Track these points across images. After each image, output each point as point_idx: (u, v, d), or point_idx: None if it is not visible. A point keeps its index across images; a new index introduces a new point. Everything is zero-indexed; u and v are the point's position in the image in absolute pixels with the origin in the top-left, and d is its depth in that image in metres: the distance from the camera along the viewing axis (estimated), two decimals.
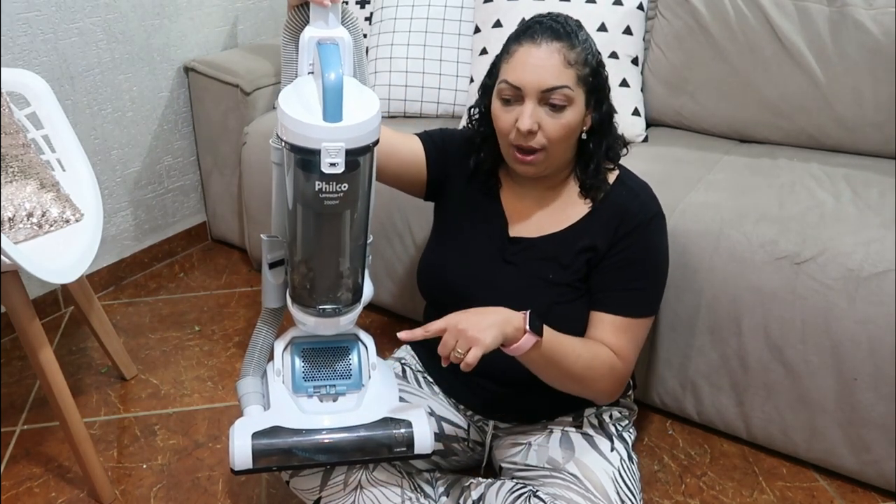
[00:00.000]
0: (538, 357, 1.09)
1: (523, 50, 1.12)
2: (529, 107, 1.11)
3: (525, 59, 1.11)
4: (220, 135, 2.18)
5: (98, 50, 1.95)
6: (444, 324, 1.04)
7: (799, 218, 1.44)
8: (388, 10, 2.01)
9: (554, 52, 1.10)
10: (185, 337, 1.94)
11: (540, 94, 1.11)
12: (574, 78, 1.11)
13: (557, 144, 1.14)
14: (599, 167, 1.21)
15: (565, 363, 1.12)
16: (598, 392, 1.19)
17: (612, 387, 1.19)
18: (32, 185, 1.39)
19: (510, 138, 1.15)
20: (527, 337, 1.06)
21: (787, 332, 1.39)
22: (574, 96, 1.12)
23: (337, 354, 1.18)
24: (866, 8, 1.64)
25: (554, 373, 1.13)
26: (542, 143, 1.13)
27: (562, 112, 1.12)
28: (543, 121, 1.12)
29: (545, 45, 1.11)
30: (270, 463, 1.08)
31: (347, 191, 0.98)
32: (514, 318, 1.06)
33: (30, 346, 1.32)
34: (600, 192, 1.22)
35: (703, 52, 1.82)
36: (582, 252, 1.20)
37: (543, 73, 1.10)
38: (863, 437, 1.39)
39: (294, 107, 0.95)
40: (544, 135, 1.13)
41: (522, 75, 1.11)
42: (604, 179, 1.22)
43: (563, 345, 1.12)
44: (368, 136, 0.96)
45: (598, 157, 1.20)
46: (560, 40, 1.11)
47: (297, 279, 1.10)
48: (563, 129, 1.13)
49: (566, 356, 1.12)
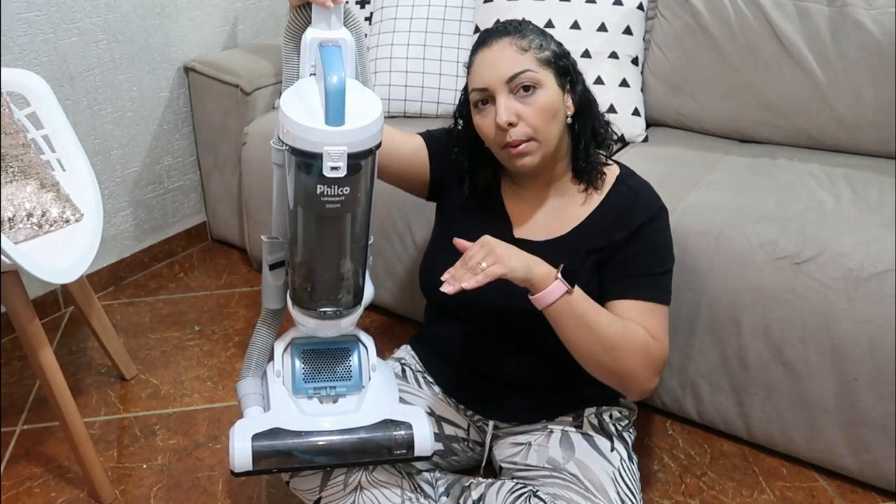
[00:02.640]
0: (567, 312, 1.07)
1: (479, 56, 1.17)
2: (502, 100, 1.13)
3: (481, 61, 1.16)
4: (220, 135, 2.18)
5: (98, 50, 1.95)
6: (479, 242, 1.07)
7: (799, 218, 1.44)
8: (388, 10, 2.01)
9: (506, 45, 1.14)
10: (185, 337, 1.94)
11: (505, 84, 1.13)
12: (533, 61, 1.14)
13: (544, 127, 1.14)
14: (589, 148, 1.22)
15: (596, 326, 1.08)
16: (627, 370, 1.10)
17: (644, 368, 1.11)
18: (32, 185, 1.39)
19: (497, 140, 1.16)
20: (556, 283, 1.05)
21: (787, 332, 1.39)
22: (539, 77, 1.13)
23: (337, 356, 1.18)
24: (866, 8, 1.64)
25: (583, 335, 1.08)
26: (527, 132, 1.14)
27: (533, 94, 1.13)
28: (520, 111, 1.13)
29: (496, 43, 1.15)
30: (270, 465, 1.08)
31: (349, 194, 0.97)
32: (545, 263, 1.07)
33: (30, 346, 1.32)
34: (594, 177, 1.22)
35: (703, 52, 1.82)
36: (588, 255, 1.20)
37: (500, 64, 1.13)
38: (863, 437, 1.39)
39: (296, 109, 0.94)
40: (527, 123, 1.13)
41: (483, 74, 1.15)
42: (596, 163, 1.22)
43: (596, 307, 1.10)
44: (371, 140, 0.95)
45: (584, 138, 1.22)
46: (509, 35, 1.15)
47: (298, 281, 1.10)
48: (541, 111, 1.13)
49: (598, 319, 1.08)
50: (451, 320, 1.30)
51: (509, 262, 1.03)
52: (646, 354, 1.11)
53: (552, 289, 1.05)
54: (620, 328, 1.10)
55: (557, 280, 1.05)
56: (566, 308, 1.07)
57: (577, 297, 1.08)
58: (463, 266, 1.05)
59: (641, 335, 1.12)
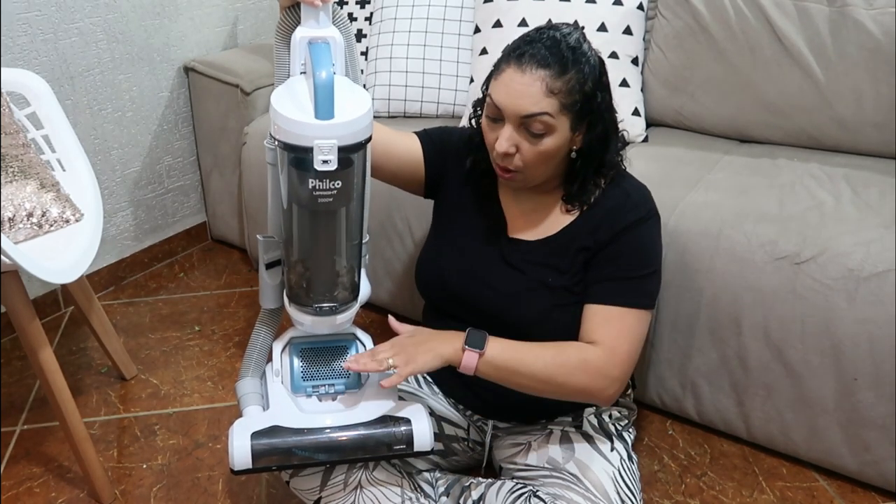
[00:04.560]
0: (492, 369, 1.11)
1: (509, 72, 1.10)
2: (507, 131, 1.11)
3: (508, 82, 1.10)
4: (220, 135, 2.18)
5: (98, 50, 1.95)
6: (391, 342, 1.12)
7: (799, 218, 1.44)
8: (388, 10, 2.01)
9: (537, 81, 1.07)
10: (185, 337, 1.94)
11: (518, 119, 1.09)
12: (556, 106, 1.09)
13: (534, 168, 1.14)
14: (585, 185, 1.20)
15: (527, 369, 1.12)
16: (577, 389, 1.13)
17: (592, 381, 1.13)
18: (32, 185, 1.39)
19: (492, 155, 1.16)
20: (468, 354, 1.10)
21: (787, 332, 1.39)
22: (555, 124, 1.10)
23: (335, 354, 1.18)
24: (866, 8, 1.64)
25: (519, 380, 1.13)
26: (519, 165, 1.13)
27: (540, 139, 1.11)
28: (521, 145, 1.11)
29: (529, 73, 1.08)
30: (270, 463, 1.08)
31: (341, 188, 0.98)
32: (452, 339, 1.11)
33: (30, 346, 1.32)
34: (583, 203, 1.21)
35: (703, 52, 1.82)
36: (577, 254, 1.20)
37: (523, 100, 1.08)
38: (863, 437, 1.39)
39: (286, 105, 0.96)
40: (521, 158, 1.12)
41: (503, 98, 1.10)
42: (590, 192, 1.21)
43: (518, 350, 1.13)
44: (361, 133, 0.96)
45: (583, 176, 1.19)
46: (547, 68, 1.08)
47: (294, 278, 1.10)
48: (539, 156, 1.12)
49: (522, 361, 1.12)
50: (449, 320, 1.30)
51: (417, 360, 1.08)
52: (585, 371, 1.13)
53: (466, 361, 1.10)
54: (550, 358, 1.13)
55: (466, 351, 1.10)
56: (489, 368, 1.11)
57: (495, 352, 1.11)
58: (370, 356, 1.10)
59: (574, 356, 1.14)
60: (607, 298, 1.17)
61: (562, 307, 1.20)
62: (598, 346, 1.15)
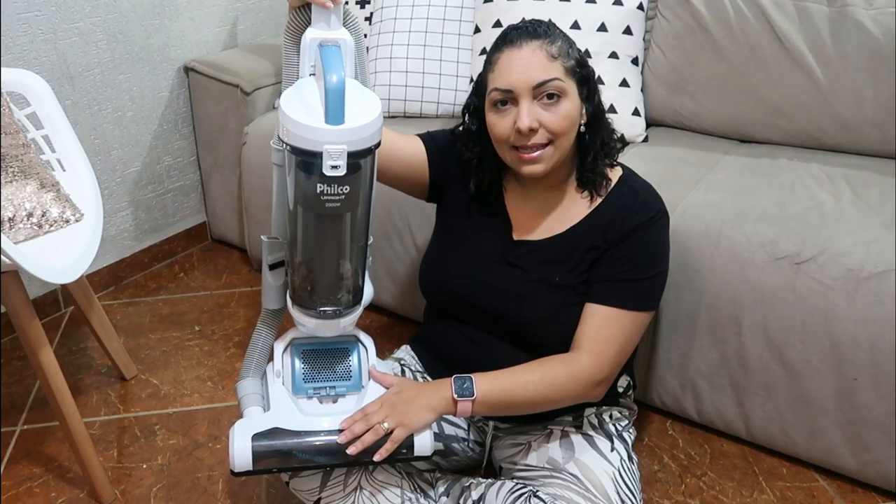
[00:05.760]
0: (487, 407, 1.14)
1: (506, 55, 1.13)
2: (525, 105, 1.12)
3: (509, 62, 1.13)
4: (220, 135, 2.18)
5: (98, 50, 1.95)
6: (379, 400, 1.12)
7: (799, 218, 1.44)
8: (388, 10, 2.01)
9: (536, 49, 1.12)
10: (185, 337, 1.94)
11: (532, 90, 1.11)
12: (562, 69, 1.12)
13: (563, 136, 1.14)
14: (597, 160, 1.21)
15: (519, 397, 1.14)
16: (570, 399, 1.17)
17: (583, 390, 1.16)
18: (32, 185, 1.39)
19: (510, 141, 1.15)
20: (461, 404, 1.12)
21: (787, 332, 1.39)
22: (566, 87, 1.12)
23: (337, 356, 1.18)
24: (866, 8, 1.64)
25: (515, 408, 1.17)
26: (547, 137, 1.13)
27: (558, 103, 1.12)
28: (542, 116, 1.12)
29: (526, 45, 1.12)
30: (270, 465, 1.08)
31: (349, 193, 0.97)
32: (440, 389, 1.12)
33: (30, 346, 1.32)
34: (598, 185, 1.21)
35: (703, 52, 1.82)
36: (586, 253, 1.20)
37: (531, 69, 1.11)
38: (863, 437, 1.39)
39: (296, 109, 0.95)
40: (547, 129, 1.13)
41: (510, 77, 1.12)
42: (602, 173, 1.22)
43: (506, 383, 1.14)
44: (370, 139, 0.96)
45: (594, 150, 1.21)
46: (539, 38, 1.13)
47: (298, 281, 1.10)
48: (564, 120, 1.13)
49: (513, 392, 1.14)
50: (451, 321, 1.30)
51: (410, 421, 1.10)
52: (576, 383, 1.15)
53: (461, 410, 1.12)
54: (539, 379, 1.15)
55: (460, 402, 1.12)
56: (484, 407, 1.14)
57: (485, 390, 1.13)
58: (364, 422, 1.09)
59: (562, 371, 1.16)
60: (609, 300, 1.17)
61: (567, 307, 1.20)
62: (583, 353, 1.16)
